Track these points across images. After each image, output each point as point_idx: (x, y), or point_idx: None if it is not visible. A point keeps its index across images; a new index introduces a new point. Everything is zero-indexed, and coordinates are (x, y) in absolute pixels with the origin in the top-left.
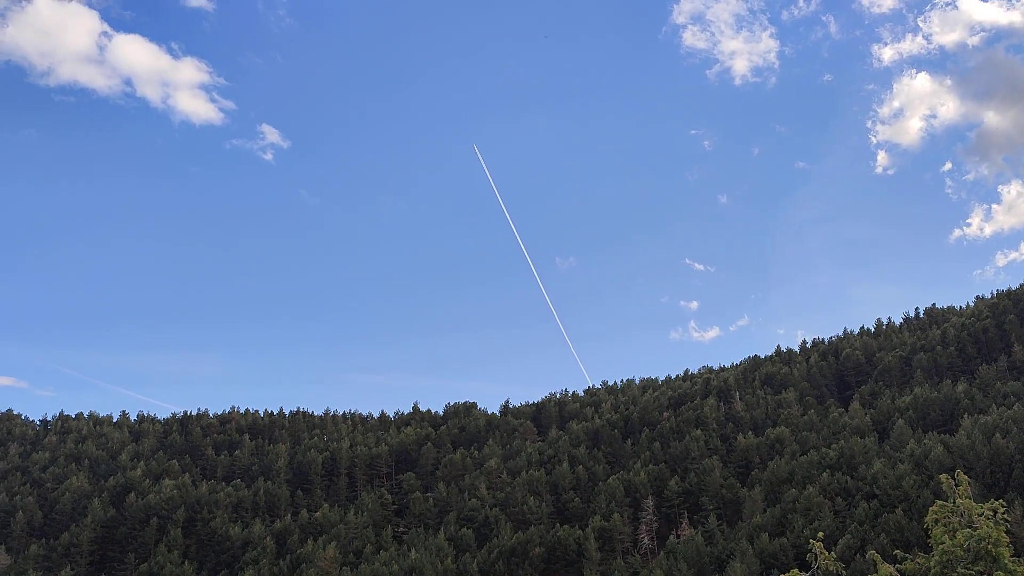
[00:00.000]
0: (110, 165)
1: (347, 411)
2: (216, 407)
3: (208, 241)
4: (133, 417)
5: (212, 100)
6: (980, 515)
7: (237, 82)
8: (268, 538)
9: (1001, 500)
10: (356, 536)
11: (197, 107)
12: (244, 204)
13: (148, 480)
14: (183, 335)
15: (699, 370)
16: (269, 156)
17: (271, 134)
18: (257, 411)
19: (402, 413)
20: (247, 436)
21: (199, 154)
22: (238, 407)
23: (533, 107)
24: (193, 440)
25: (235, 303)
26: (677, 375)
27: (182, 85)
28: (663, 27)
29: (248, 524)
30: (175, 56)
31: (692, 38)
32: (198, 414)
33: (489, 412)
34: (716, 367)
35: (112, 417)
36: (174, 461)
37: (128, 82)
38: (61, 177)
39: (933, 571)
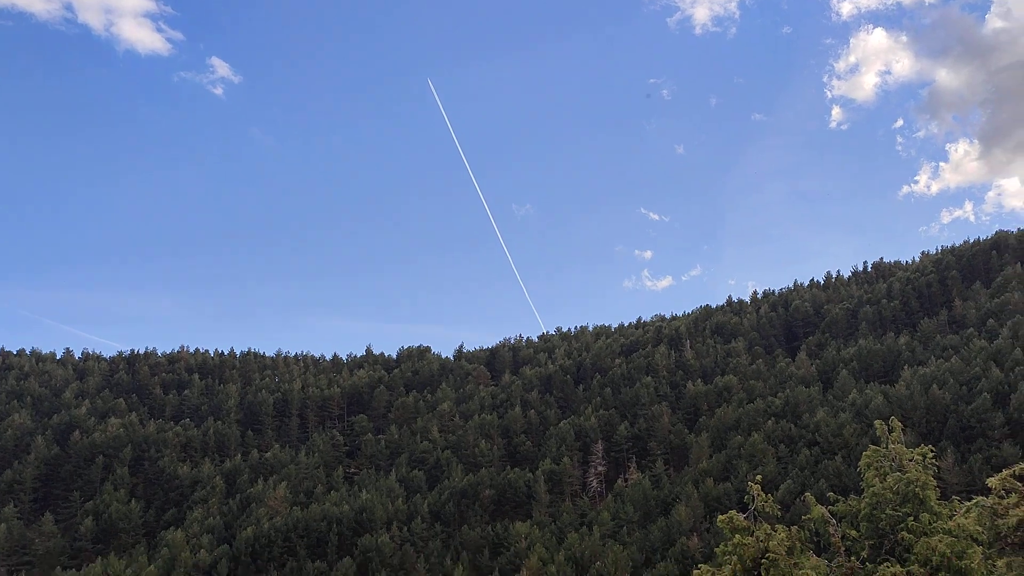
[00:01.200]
0: (51, 95)
1: (299, 352)
2: (164, 347)
3: (156, 178)
4: (78, 355)
5: (159, 30)
6: (910, 460)
7: (185, 12)
8: (218, 477)
9: (931, 446)
10: (307, 476)
11: (143, 36)
12: (192, 140)
13: (93, 419)
14: (130, 273)
15: (651, 318)
16: (219, 91)
17: (221, 68)
18: (207, 351)
19: (355, 356)
20: (196, 376)
21: (145, 86)
22: (187, 347)
23: (493, 51)
24: (140, 379)
25: (183, 242)
26: (630, 323)
27: (127, 12)
28: None
29: (197, 464)
30: None
31: None
32: (146, 353)
33: (443, 356)
34: (668, 316)
35: (56, 354)
36: (120, 400)
37: (69, 7)
38: None
39: (863, 512)
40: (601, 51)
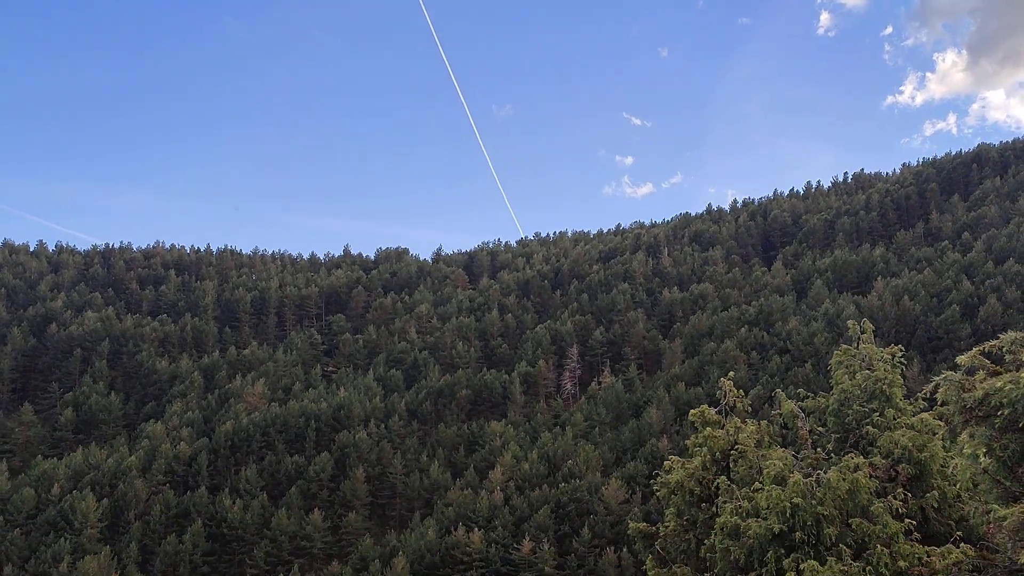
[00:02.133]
0: None
1: (276, 251)
2: (139, 242)
3: (130, 67)
4: (51, 248)
5: None
6: (879, 360)
7: None
8: (196, 372)
9: (900, 347)
10: (285, 374)
11: None
12: (166, 27)
13: (70, 312)
14: (103, 165)
15: (630, 225)
16: None
17: None
18: (184, 247)
19: (333, 256)
20: (173, 272)
21: None
22: (163, 242)
23: None
24: (116, 274)
25: (159, 135)
26: (609, 229)
27: None
28: None
29: (175, 359)
30: None
31: None
32: (121, 247)
33: (421, 259)
34: (648, 223)
35: (29, 246)
36: (96, 294)
37: None
38: None
39: (831, 408)
40: None
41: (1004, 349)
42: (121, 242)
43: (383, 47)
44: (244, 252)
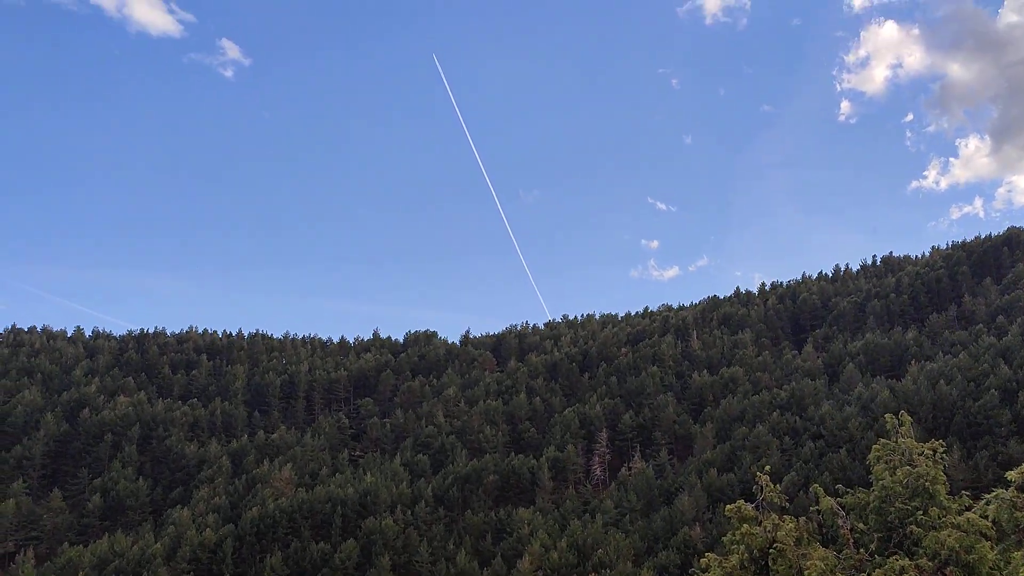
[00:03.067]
0: (63, 75)
1: (307, 335)
2: (173, 327)
3: (167, 158)
4: (88, 333)
5: (170, 11)
6: (920, 454)
7: None
8: (224, 457)
9: (941, 441)
10: (312, 458)
11: (154, 18)
12: (202, 121)
13: (103, 396)
14: (140, 253)
15: (658, 308)
16: (229, 73)
17: (232, 50)
18: (215, 332)
19: (362, 339)
20: (204, 356)
21: (156, 67)
22: (196, 327)
23: (500, 35)
24: (149, 358)
25: (194, 223)
26: (636, 312)
27: None
28: None
29: (204, 443)
30: None
31: None
32: (155, 332)
33: (449, 341)
34: (675, 306)
35: (66, 332)
36: (129, 378)
37: None
38: (9, 84)
39: (872, 505)
40: (610, 39)
41: None
42: (155, 327)
43: (409, 134)
44: (275, 336)
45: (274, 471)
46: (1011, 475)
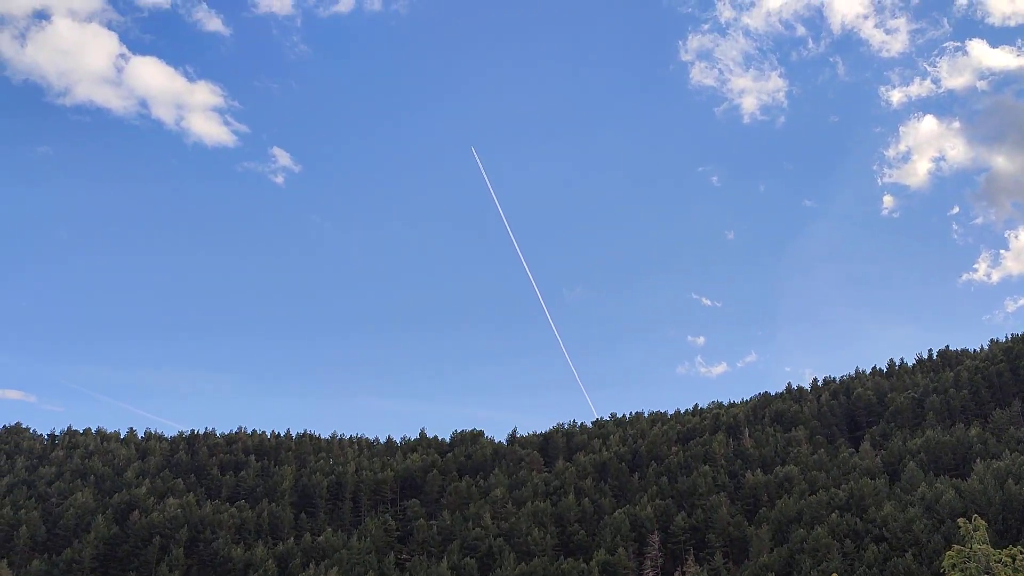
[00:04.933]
0: (123, 184)
1: (354, 435)
2: (223, 426)
3: (220, 261)
4: (140, 434)
5: (225, 123)
6: (998, 561)
7: (250, 105)
8: (270, 561)
9: (1020, 547)
10: (358, 562)
11: (210, 129)
12: (255, 225)
13: (153, 498)
14: (192, 353)
15: (708, 405)
16: (280, 179)
17: (283, 157)
18: (264, 432)
19: (408, 439)
20: (253, 457)
21: (211, 175)
22: (245, 427)
23: (542, 137)
24: (199, 459)
25: (246, 323)
26: (686, 410)
27: (196, 107)
28: (671, 64)
29: (251, 546)
30: (190, 79)
31: (700, 75)
32: (205, 433)
33: (496, 441)
34: (725, 403)
35: (119, 433)
36: (179, 480)
37: (143, 103)
38: (74, 193)
39: None
40: (649, 138)
41: None
42: (206, 428)
43: (452, 231)
44: (322, 436)
45: (320, 575)
46: None
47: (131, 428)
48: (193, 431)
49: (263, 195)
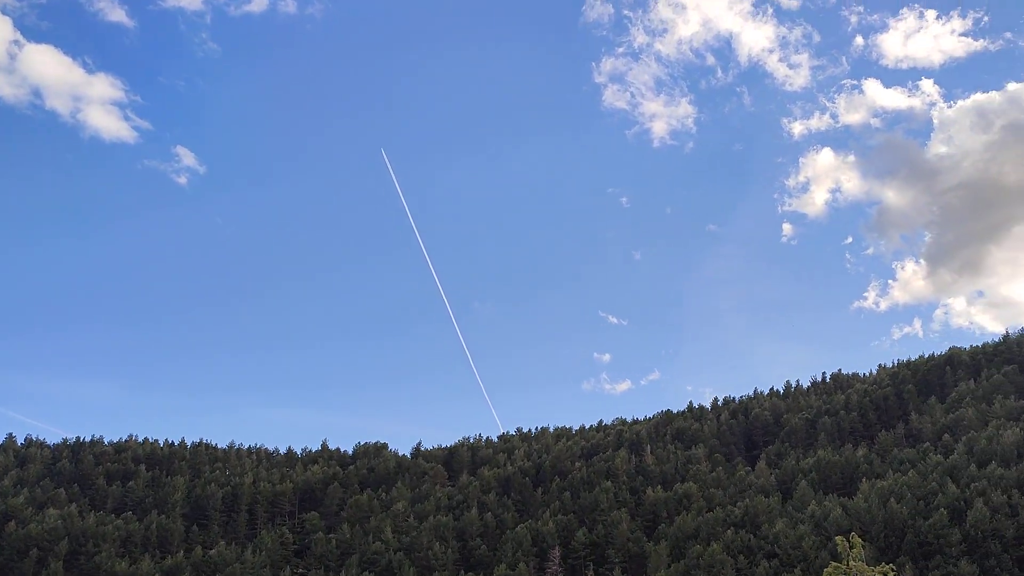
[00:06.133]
0: (11, 174)
1: (252, 445)
2: (112, 434)
3: (116, 260)
4: (20, 440)
5: (126, 118)
6: None
7: (153, 102)
8: (157, 575)
9: (891, 564)
10: None
11: (109, 124)
12: (154, 225)
13: (31, 508)
14: (82, 357)
15: (612, 421)
16: (183, 179)
17: (187, 157)
18: (156, 441)
19: (310, 450)
20: (143, 467)
21: (109, 171)
22: (136, 436)
23: (455, 149)
24: (84, 468)
25: (142, 328)
26: (591, 425)
27: (94, 100)
28: (584, 85)
29: (136, 560)
30: (89, 70)
31: (612, 97)
32: (91, 441)
33: (400, 454)
34: (629, 419)
35: None
36: (61, 490)
37: (37, 92)
38: None
39: None
40: (562, 156)
41: None
42: (92, 435)
43: (361, 243)
44: (219, 446)
45: None
46: None
47: (10, 434)
48: (78, 438)
49: (164, 195)
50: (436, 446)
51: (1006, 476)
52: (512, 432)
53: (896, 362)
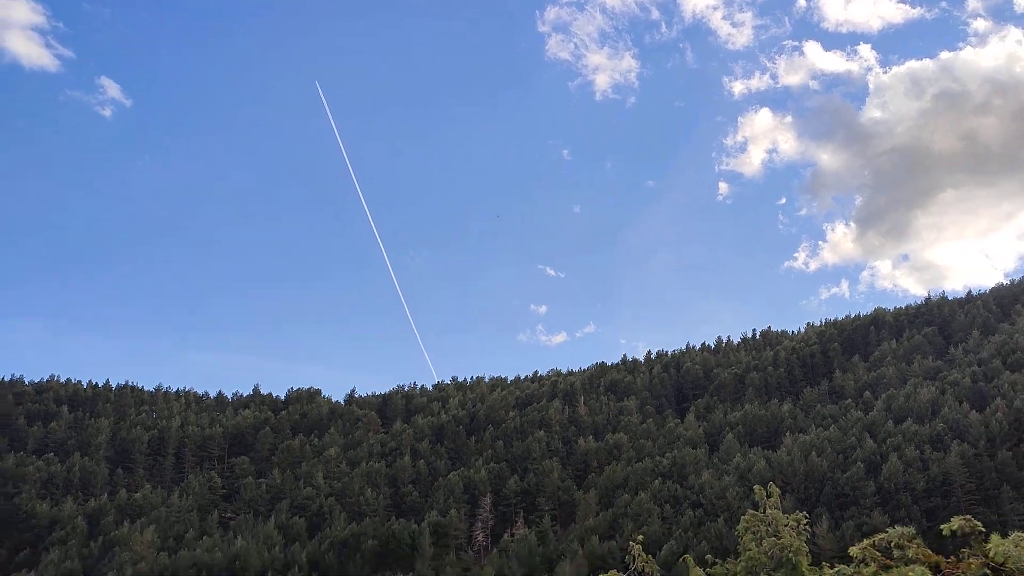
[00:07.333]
0: None
1: (182, 388)
2: (33, 374)
3: (34, 196)
4: None
5: (48, 45)
6: (785, 526)
7: (78, 29)
8: (79, 518)
9: (805, 512)
10: (178, 520)
11: (29, 50)
12: (77, 159)
13: None
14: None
15: (547, 373)
16: (108, 112)
17: (112, 89)
18: (80, 382)
19: (241, 395)
20: (66, 408)
21: (29, 101)
22: (58, 376)
23: (396, 99)
24: (3, 408)
25: (63, 266)
26: (526, 376)
27: (13, 25)
28: (529, 34)
29: (58, 502)
30: None
31: (556, 47)
32: (11, 380)
33: (333, 400)
34: (565, 371)
35: None
36: None
37: None
38: None
39: (739, 575)
40: (503, 107)
41: (892, 543)
42: (12, 375)
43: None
44: (146, 389)
45: (134, 533)
46: (853, 551)
47: None
48: None
49: (88, 128)
50: (370, 393)
51: (920, 432)
52: (447, 381)
53: (823, 321)
